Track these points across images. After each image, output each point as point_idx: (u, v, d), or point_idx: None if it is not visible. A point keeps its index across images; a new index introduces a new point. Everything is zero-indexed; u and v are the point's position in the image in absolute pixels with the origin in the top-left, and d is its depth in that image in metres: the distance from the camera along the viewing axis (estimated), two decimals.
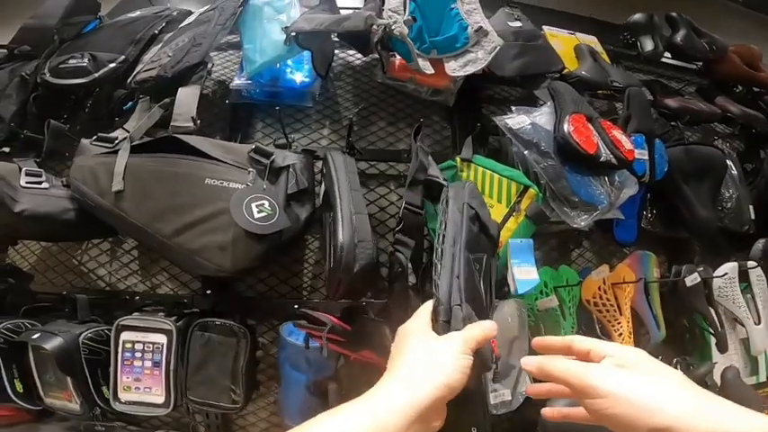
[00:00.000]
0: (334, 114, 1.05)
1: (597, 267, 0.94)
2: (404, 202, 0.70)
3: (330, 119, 1.05)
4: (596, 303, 0.92)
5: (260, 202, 0.72)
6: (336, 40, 1.00)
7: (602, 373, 0.39)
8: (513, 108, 0.92)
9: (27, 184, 0.78)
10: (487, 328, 0.44)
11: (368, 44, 0.80)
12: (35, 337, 0.78)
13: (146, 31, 0.98)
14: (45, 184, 0.80)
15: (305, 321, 0.73)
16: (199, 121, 0.82)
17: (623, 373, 0.38)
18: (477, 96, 1.07)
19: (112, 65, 0.91)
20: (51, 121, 0.85)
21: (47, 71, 0.89)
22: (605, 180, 0.87)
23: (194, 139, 0.77)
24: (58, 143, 0.86)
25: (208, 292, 0.89)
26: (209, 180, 0.74)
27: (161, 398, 0.80)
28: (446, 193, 0.60)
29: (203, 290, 0.90)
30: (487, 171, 0.85)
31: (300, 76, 0.96)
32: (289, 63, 0.96)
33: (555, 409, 0.47)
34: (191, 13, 1.03)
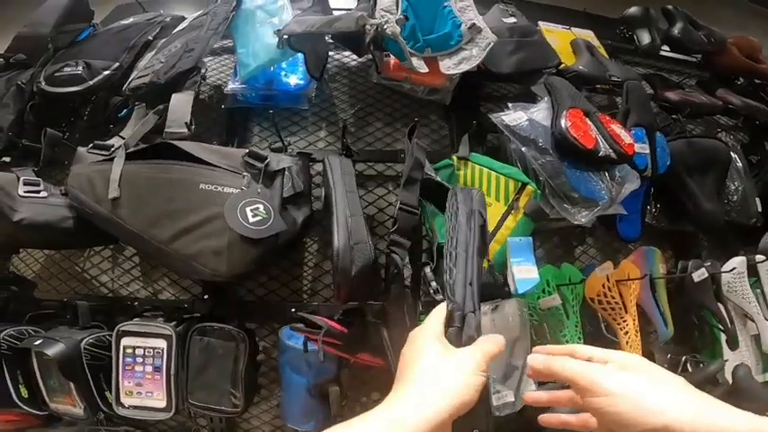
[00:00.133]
0: (330, 116, 1.05)
1: (601, 264, 0.92)
2: (398, 203, 0.70)
3: (326, 121, 1.04)
4: (601, 301, 0.90)
5: (254, 206, 0.73)
6: (331, 42, 1.00)
7: (606, 372, 0.39)
8: (510, 104, 0.91)
9: (25, 193, 0.78)
10: (500, 342, 0.44)
11: (361, 45, 0.80)
12: (37, 343, 0.79)
13: (139, 38, 0.98)
14: (43, 193, 0.80)
15: (302, 325, 0.73)
16: (193, 127, 0.83)
17: (626, 373, 0.39)
18: (475, 94, 1.06)
19: (107, 72, 0.91)
20: (48, 129, 0.85)
21: (42, 79, 0.90)
22: (605, 175, 0.86)
23: (188, 145, 0.78)
24: (56, 152, 0.87)
25: (206, 296, 0.89)
26: (203, 185, 0.74)
27: (162, 402, 0.80)
28: (454, 197, 0.59)
29: (203, 295, 0.91)
30: (485, 169, 0.85)
31: (295, 79, 0.96)
32: (283, 66, 0.96)
33: (554, 415, 0.47)
34: (184, 19, 1.04)
